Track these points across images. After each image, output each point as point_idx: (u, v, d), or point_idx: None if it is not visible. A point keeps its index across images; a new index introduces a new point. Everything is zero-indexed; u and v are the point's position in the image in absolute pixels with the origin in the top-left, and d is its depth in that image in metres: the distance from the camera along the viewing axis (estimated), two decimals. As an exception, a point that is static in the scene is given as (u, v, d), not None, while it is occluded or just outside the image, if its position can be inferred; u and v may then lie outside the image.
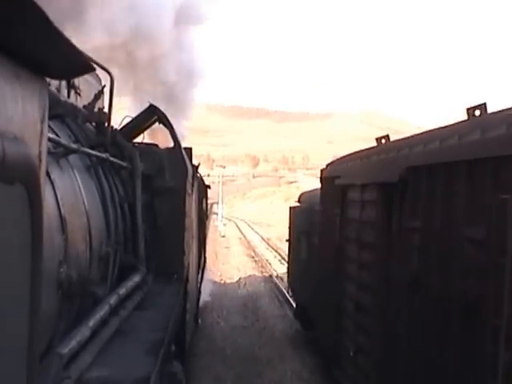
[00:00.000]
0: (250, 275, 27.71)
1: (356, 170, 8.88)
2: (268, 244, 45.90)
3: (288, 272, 17.70)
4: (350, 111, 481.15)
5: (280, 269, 29.18)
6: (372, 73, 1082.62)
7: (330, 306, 9.72)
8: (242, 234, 58.70)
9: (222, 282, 25.65)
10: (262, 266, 31.14)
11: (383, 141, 8.92)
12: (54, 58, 1.78)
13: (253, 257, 35.82)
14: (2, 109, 1.50)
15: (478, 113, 5.61)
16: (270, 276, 27.29)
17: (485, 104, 5.62)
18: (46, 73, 1.87)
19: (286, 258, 31.35)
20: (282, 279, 25.23)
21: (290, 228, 16.88)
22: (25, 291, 1.71)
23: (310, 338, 14.12)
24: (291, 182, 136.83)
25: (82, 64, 1.90)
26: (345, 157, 10.84)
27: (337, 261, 9.21)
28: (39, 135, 1.84)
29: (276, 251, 38.78)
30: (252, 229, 67.45)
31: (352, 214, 8.62)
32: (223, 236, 52.17)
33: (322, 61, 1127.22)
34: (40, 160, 1.82)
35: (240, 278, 26.57)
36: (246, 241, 49.92)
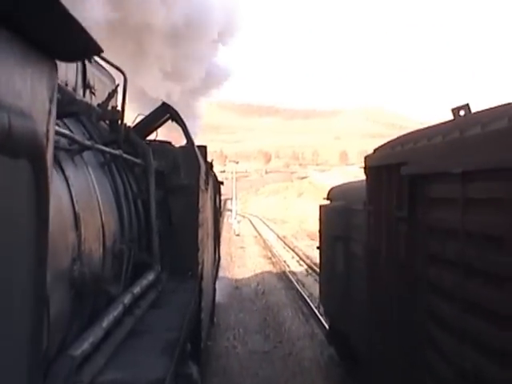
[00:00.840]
0: (268, 281, 25.67)
1: (432, 153, 6.00)
2: (284, 243, 44.18)
3: (320, 287, 14.30)
4: (356, 108, 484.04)
5: (300, 271, 28.01)
6: (376, 70, 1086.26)
7: (395, 352, 6.66)
8: (257, 231, 56.74)
9: (238, 290, 23.01)
10: (281, 269, 29.16)
11: (462, 112, 5.65)
12: (62, 40, 1.79)
13: (270, 258, 34.22)
14: (10, 84, 1.52)
15: None
16: (290, 281, 25.08)
17: None
18: (54, 54, 1.88)
19: (305, 259, 31.48)
20: (303, 284, 23.82)
21: (320, 232, 13.81)
22: (29, 264, 1.69)
23: (351, 371, 11.00)
24: (303, 178, 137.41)
25: (91, 46, 1.88)
26: (401, 138, 7.86)
27: (409, 288, 6.28)
28: (47, 114, 1.86)
29: (293, 250, 37.39)
30: (267, 226, 65.67)
31: (438, 218, 5.60)
32: (238, 235, 50.77)
33: (328, 59, 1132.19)
34: (47, 138, 1.83)
35: (258, 285, 24.40)
36: (261, 239, 48.03)
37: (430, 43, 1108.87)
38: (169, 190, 7.05)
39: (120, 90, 6.40)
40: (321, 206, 13.74)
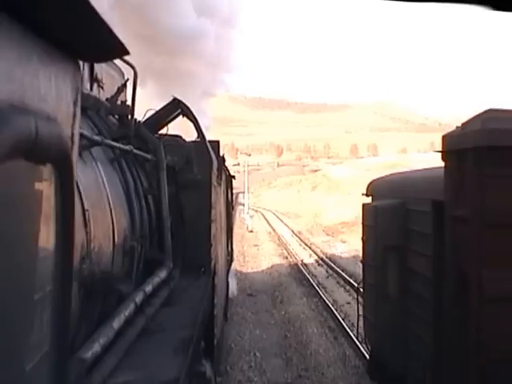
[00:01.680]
0: (286, 285, 22.91)
1: None
2: (300, 239, 42.31)
3: (363, 309, 11.40)
4: (365, 102, 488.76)
5: (319, 273, 26.09)
6: (384, 65, 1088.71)
7: None
8: (271, 226, 54.66)
9: (253, 298, 20.16)
10: (299, 271, 26.59)
11: None
12: (87, 41, 1.75)
13: (286, 257, 31.87)
14: (35, 87, 1.48)
15: None
16: (311, 285, 22.48)
17: None
18: (79, 55, 1.85)
19: (324, 258, 30.04)
20: (324, 289, 21.61)
21: (363, 240, 10.88)
22: (53, 274, 1.68)
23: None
24: (315, 171, 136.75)
25: (117, 47, 1.81)
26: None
27: None
28: (72, 117, 1.82)
29: (310, 248, 35.72)
30: (281, 220, 63.70)
31: None
32: (251, 231, 48.37)
33: (338, 54, 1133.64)
34: (72, 142, 1.80)
35: (275, 291, 21.63)
36: (275, 235, 45.76)
37: (437, 37, 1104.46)
38: (181, 185, 6.95)
39: (130, 84, 6.31)
40: (364, 206, 10.71)
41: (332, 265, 27.30)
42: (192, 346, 3.94)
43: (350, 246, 37.64)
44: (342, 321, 16.02)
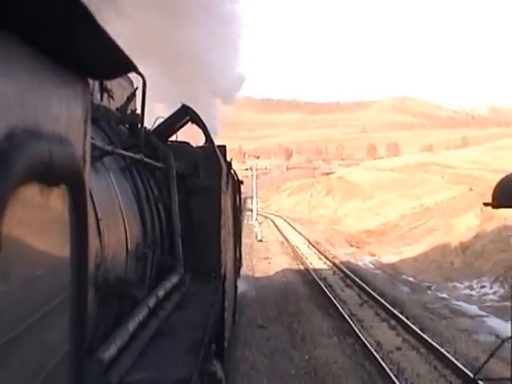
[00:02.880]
0: (308, 315, 17.83)
1: None
2: (319, 251, 35.88)
3: None
4: (382, 99, 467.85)
5: (350, 297, 20.96)
6: (402, 57, 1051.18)
7: None
8: (283, 235, 47.96)
9: (265, 332, 15.67)
10: (323, 295, 21.06)
11: None
12: (96, 59, 1.78)
13: (304, 274, 26.91)
14: (47, 109, 1.51)
15: None
16: (341, 317, 17.26)
17: None
18: (87, 73, 1.88)
19: (353, 277, 24.63)
20: (361, 324, 16.47)
21: None
22: (67, 295, 1.72)
23: None
24: (328, 173, 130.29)
25: (124, 63, 1.89)
26: None
27: None
28: (83, 136, 1.85)
29: (332, 262, 30.28)
30: (293, 228, 56.39)
31: None
32: (260, 240, 43.23)
33: (351, 48, 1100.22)
34: (84, 161, 1.83)
35: (293, 322, 16.71)
36: (289, 246, 39.77)
37: (460, 26, 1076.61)
38: (190, 191, 7.10)
39: (139, 93, 6.44)
40: None
41: (364, 286, 22.35)
42: (203, 348, 4.09)
43: (381, 260, 33.64)
44: (395, 379, 11.32)
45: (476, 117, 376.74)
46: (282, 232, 51.56)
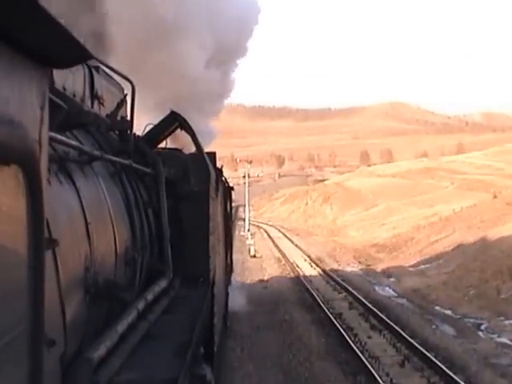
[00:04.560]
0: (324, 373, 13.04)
1: None
2: (323, 271, 30.50)
3: None
4: (374, 105, 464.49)
5: (381, 350, 15.13)
6: (394, 62, 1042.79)
7: None
8: (279, 249, 41.90)
9: None
10: (344, 346, 15.42)
11: None
12: (49, 46, 1.83)
13: (312, 308, 20.69)
14: None
15: None
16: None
17: None
18: (45, 62, 1.93)
19: (370, 306, 19.81)
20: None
21: None
22: (25, 274, 1.72)
23: None
24: (321, 181, 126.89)
25: (79, 52, 1.96)
26: None
27: None
28: (39, 121, 1.89)
29: (344, 289, 24.30)
30: (289, 240, 50.36)
31: None
32: (254, 256, 37.33)
33: (342, 53, 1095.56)
34: (40, 145, 1.87)
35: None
36: (287, 264, 33.78)
37: (453, 31, 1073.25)
38: (179, 197, 7.16)
39: (128, 99, 6.50)
40: None
41: (395, 328, 16.63)
42: (190, 350, 4.15)
43: (400, 282, 27.52)
44: None
45: (470, 123, 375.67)
46: (277, 245, 45.60)
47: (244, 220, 54.48)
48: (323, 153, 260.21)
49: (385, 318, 18.47)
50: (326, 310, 19.91)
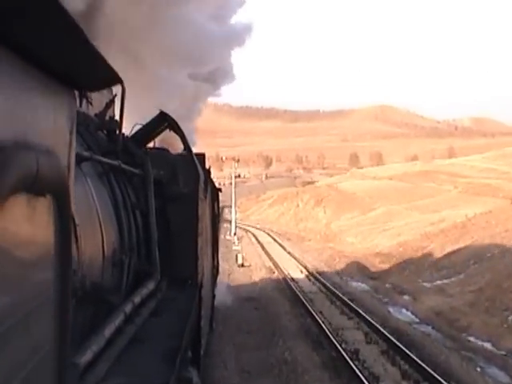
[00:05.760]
0: None
1: None
2: (325, 287, 25.73)
3: None
4: (363, 107, 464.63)
5: None
6: (384, 65, 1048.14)
7: None
8: (270, 257, 37.79)
9: None
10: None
11: None
12: (82, 71, 1.79)
13: (320, 344, 15.79)
14: (34, 121, 1.52)
15: None
16: None
17: None
18: (73, 85, 1.89)
19: (405, 350, 14.42)
20: None
21: None
22: (51, 306, 1.73)
23: None
24: (309, 183, 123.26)
25: (109, 76, 1.91)
26: None
27: None
28: (68, 147, 1.87)
29: (356, 313, 19.76)
30: (280, 245, 46.14)
31: None
32: (241, 265, 32.86)
33: (331, 55, 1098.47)
34: (69, 171, 1.85)
35: None
36: (280, 276, 29.52)
37: (443, 35, 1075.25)
38: (167, 198, 7.10)
39: (118, 99, 6.45)
40: None
41: (435, 376, 12.69)
42: (179, 355, 4.10)
43: (421, 305, 22.31)
44: None
45: (459, 127, 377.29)
46: (267, 252, 41.25)
47: (230, 222, 50.88)
48: (311, 154, 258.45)
49: (416, 358, 14.07)
50: (338, 346, 15.21)
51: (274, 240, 52.69)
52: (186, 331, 4.76)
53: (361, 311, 20.19)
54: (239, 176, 58.86)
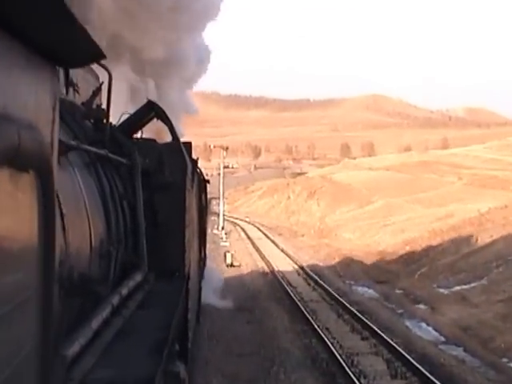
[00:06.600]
0: None
1: None
2: (327, 293, 22.56)
3: None
4: (354, 96, 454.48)
5: None
6: (375, 53, 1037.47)
7: None
8: (261, 255, 34.57)
9: None
10: None
11: None
12: (64, 46, 1.76)
13: (329, 369, 13.21)
14: (16, 95, 1.49)
15: None
16: None
17: None
18: (56, 60, 1.85)
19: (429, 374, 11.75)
20: None
21: None
22: (35, 282, 1.70)
23: None
24: (299, 174, 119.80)
25: (94, 52, 1.87)
26: None
27: None
28: (51, 123, 1.84)
29: (371, 331, 16.43)
30: (272, 242, 42.92)
31: None
32: (231, 265, 29.93)
33: (321, 43, 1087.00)
34: (52, 147, 1.82)
35: None
36: (275, 279, 26.19)
37: (436, 25, 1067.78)
38: (154, 189, 7.04)
39: (104, 87, 6.39)
40: None
41: None
42: (167, 348, 4.07)
43: (441, 318, 19.20)
44: None
45: (453, 117, 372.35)
46: (259, 249, 38.19)
47: (217, 215, 47.42)
48: (301, 145, 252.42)
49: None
50: (356, 381, 12.22)
51: (265, 235, 49.25)
52: (173, 324, 4.73)
53: (375, 327, 16.82)
54: (228, 166, 56.93)
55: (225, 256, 31.15)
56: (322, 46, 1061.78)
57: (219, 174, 52.19)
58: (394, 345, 14.86)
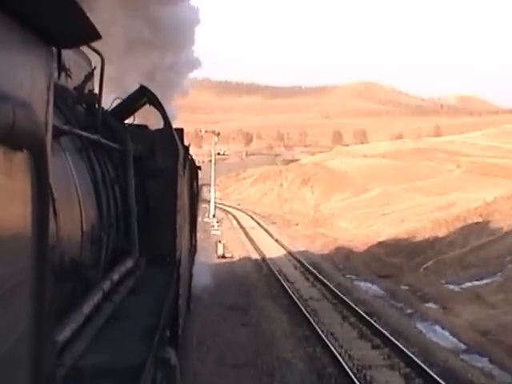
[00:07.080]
0: None
1: None
2: (327, 289, 21.11)
3: None
4: (346, 84, 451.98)
5: None
6: (368, 40, 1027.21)
7: None
8: (255, 245, 32.80)
9: None
10: None
11: None
12: (60, 25, 1.74)
13: None
14: (11, 73, 1.49)
15: None
16: None
17: None
18: (52, 40, 1.84)
19: None
20: None
21: None
22: (28, 264, 1.70)
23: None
24: (291, 161, 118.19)
25: (89, 32, 1.86)
26: None
27: None
28: (46, 103, 1.83)
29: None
30: (266, 231, 40.91)
31: None
32: (222, 256, 28.69)
33: (314, 29, 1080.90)
34: (46, 128, 1.81)
35: None
36: (270, 273, 24.36)
37: (428, 12, 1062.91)
38: (146, 174, 7.03)
39: (97, 72, 6.35)
40: None
41: None
42: (158, 333, 4.08)
43: (457, 320, 17.04)
44: None
45: (444, 105, 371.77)
46: (252, 239, 36.19)
47: (208, 202, 45.79)
48: (293, 132, 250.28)
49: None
50: None
51: (258, 224, 47.04)
52: (164, 310, 4.74)
53: (387, 333, 14.73)
54: (219, 153, 55.79)
55: (216, 246, 29.54)
56: (313, 32, 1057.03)
57: (210, 161, 51.48)
58: (411, 355, 12.89)
